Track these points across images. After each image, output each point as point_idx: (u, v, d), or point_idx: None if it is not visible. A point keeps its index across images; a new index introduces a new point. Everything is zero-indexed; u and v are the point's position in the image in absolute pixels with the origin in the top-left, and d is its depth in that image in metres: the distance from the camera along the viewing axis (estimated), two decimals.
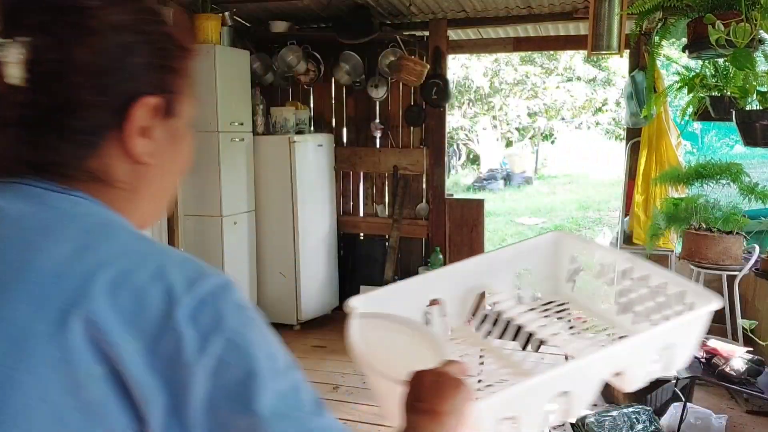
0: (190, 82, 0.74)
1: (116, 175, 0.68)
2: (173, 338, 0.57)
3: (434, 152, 5.00)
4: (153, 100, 0.68)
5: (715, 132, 4.96)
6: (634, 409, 3.02)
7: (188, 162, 0.77)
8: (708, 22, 2.16)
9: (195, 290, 0.60)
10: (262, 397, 0.59)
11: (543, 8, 4.45)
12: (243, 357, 0.60)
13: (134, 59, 0.67)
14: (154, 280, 0.59)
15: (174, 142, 0.73)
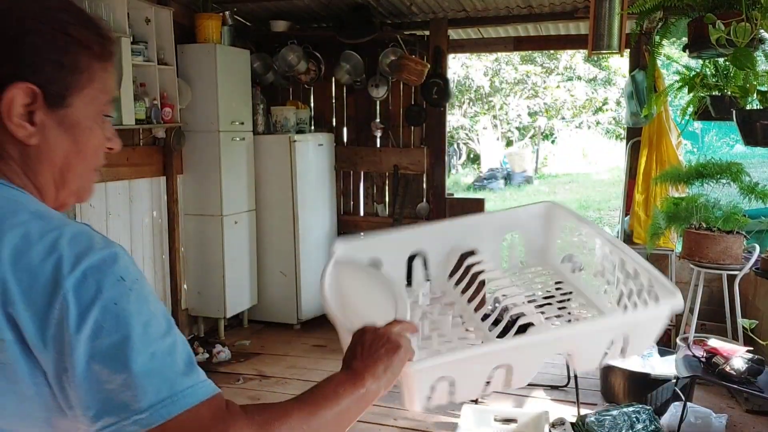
0: (89, 78, 0.78)
1: (9, 152, 0.76)
2: (60, 309, 0.66)
3: (434, 152, 5.00)
4: (27, 86, 0.73)
5: (715, 131, 4.95)
6: (634, 409, 3.02)
7: (94, 153, 0.82)
8: (708, 21, 2.16)
9: (80, 264, 0.68)
10: (136, 357, 0.67)
11: (544, 8, 4.45)
12: (118, 324, 0.67)
13: (19, 47, 0.73)
14: (46, 256, 0.68)
15: (66, 130, 0.78)
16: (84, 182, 0.84)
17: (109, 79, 0.81)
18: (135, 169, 4.11)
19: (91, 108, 0.80)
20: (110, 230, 3.94)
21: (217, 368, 4.11)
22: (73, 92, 0.77)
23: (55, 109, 0.76)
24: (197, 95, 4.35)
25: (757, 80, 2.35)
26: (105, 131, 0.83)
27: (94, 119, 0.81)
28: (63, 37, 0.76)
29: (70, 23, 0.76)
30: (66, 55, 0.76)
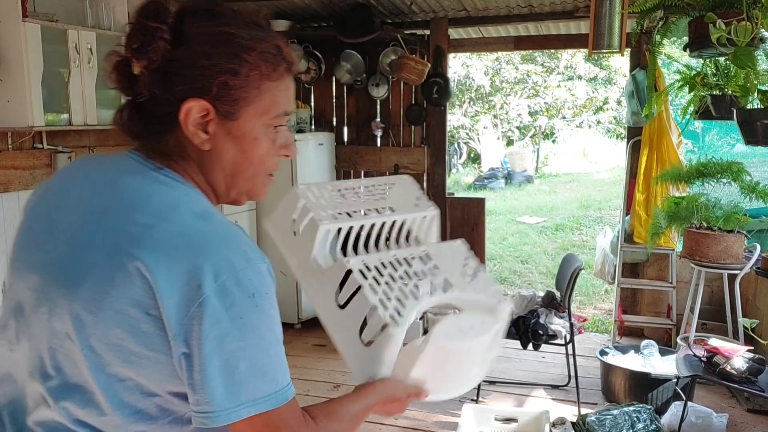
0: (258, 95, 0.89)
1: (190, 154, 0.91)
2: (198, 309, 0.78)
3: (435, 151, 5.00)
4: (201, 102, 0.86)
5: (716, 131, 4.95)
6: (635, 408, 3.02)
7: (260, 161, 0.93)
8: (709, 20, 2.15)
9: (222, 276, 0.80)
10: (250, 360, 0.81)
11: (544, 7, 4.44)
12: (240, 334, 0.80)
13: (194, 70, 0.86)
14: (196, 257, 0.80)
15: (234, 140, 0.90)
16: (253, 185, 0.96)
17: (279, 95, 0.91)
18: None
19: (260, 121, 0.90)
20: None
21: None
22: (241, 107, 0.88)
23: (226, 121, 0.88)
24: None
25: (757, 79, 2.35)
26: (278, 140, 0.94)
27: (262, 130, 0.91)
28: (236, 59, 0.86)
29: (244, 47, 0.87)
30: (236, 76, 0.86)
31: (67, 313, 0.84)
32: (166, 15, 0.86)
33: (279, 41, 0.91)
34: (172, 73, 0.85)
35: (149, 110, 0.88)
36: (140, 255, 0.79)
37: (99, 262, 0.82)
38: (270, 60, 0.89)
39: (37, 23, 3.10)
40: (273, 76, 0.90)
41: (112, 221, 0.84)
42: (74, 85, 3.33)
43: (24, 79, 3.06)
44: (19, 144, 3.32)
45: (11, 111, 3.10)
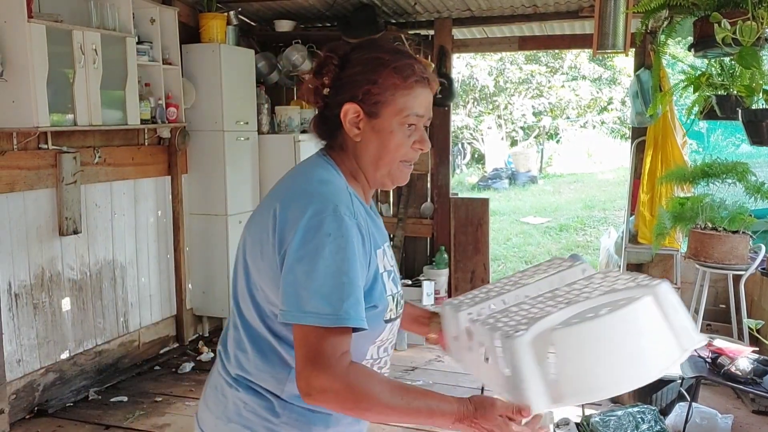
0: (393, 100, 1.19)
1: (348, 146, 1.25)
2: (291, 237, 1.11)
3: (439, 151, 4.99)
4: (353, 105, 1.20)
5: (721, 131, 4.93)
6: (639, 409, 3.01)
7: (395, 149, 1.22)
8: (714, 20, 2.15)
9: (304, 219, 1.11)
10: (316, 282, 1.09)
11: (548, 7, 4.44)
12: (312, 260, 1.09)
13: (350, 83, 1.21)
14: (302, 203, 1.14)
15: (376, 133, 1.22)
16: (392, 170, 1.24)
17: (411, 101, 1.20)
18: (140, 168, 4.12)
19: (395, 119, 1.20)
20: (115, 229, 3.95)
21: None
22: (381, 109, 1.20)
23: (371, 119, 1.21)
24: (202, 95, 4.35)
25: (763, 79, 2.34)
26: (411, 136, 1.22)
27: (397, 126, 1.21)
28: (376, 73, 1.19)
29: (383, 64, 1.20)
30: (375, 85, 1.19)
31: (242, 242, 1.27)
32: (338, 48, 1.24)
33: (414, 62, 1.22)
34: (338, 87, 1.22)
35: (325, 115, 1.25)
36: (278, 201, 1.17)
37: (260, 209, 1.24)
38: (402, 73, 1.20)
39: (42, 24, 3.11)
40: (404, 85, 1.20)
41: (276, 186, 1.27)
42: (79, 86, 3.34)
43: (29, 80, 3.07)
44: (24, 144, 3.33)
45: (16, 111, 3.11)
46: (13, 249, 3.32)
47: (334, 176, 1.22)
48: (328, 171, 1.23)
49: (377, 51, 1.22)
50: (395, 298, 1.25)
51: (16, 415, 3.34)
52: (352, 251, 1.10)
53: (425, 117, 1.24)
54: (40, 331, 3.48)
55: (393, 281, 1.26)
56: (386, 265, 1.24)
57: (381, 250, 1.23)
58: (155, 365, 4.16)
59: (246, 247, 1.23)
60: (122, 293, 4.04)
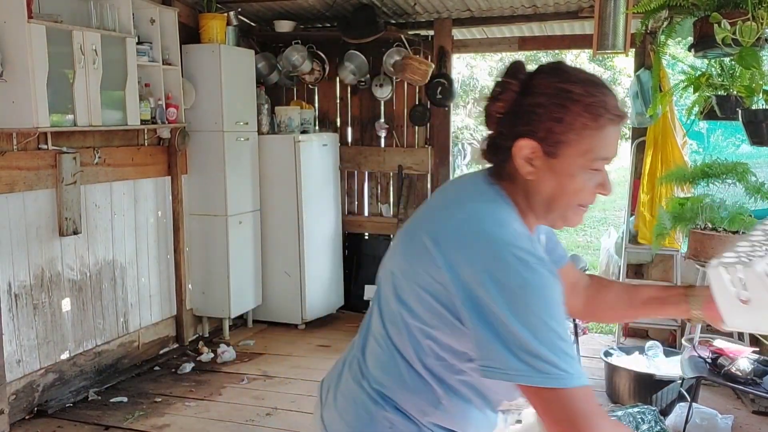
0: (578, 139, 1.04)
1: (518, 179, 1.10)
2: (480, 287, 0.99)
3: (439, 152, 4.99)
4: (530, 142, 1.05)
5: (721, 131, 4.93)
6: (639, 409, 3.01)
7: (574, 194, 1.08)
8: (714, 20, 2.15)
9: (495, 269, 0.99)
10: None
11: (548, 7, 4.44)
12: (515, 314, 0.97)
13: (531, 115, 1.05)
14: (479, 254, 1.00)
15: (553, 174, 1.07)
16: (567, 213, 1.11)
17: (598, 142, 1.05)
18: (140, 169, 4.11)
19: (578, 160, 1.05)
20: (115, 230, 3.95)
21: (221, 368, 4.12)
22: (563, 149, 1.05)
23: (549, 159, 1.06)
24: (202, 95, 4.35)
25: (763, 80, 2.34)
26: (594, 179, 1.08)
27: (579, 168, 1.06)
28: (562, 109, 1.04)
29: (572, 99, 1.04)
30: (559, 123, 1.04)
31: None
32: (518, 73, 1.09)
33: (609, 97, 1.06)
34: (515, 117, 1.07)
35: (497, 143, 1.11)
36: (441, 237, 1.04)
37: (410, 236, 1.12)
38: (593, 112, 1.04)
39: (42, 24, 3.11)
40: (593, 126, 1.04)
41: (433, 211, 1.14)
42: (79, 86, 3.34)
43: (29, 80, 3.07)
44: (24, 144, 3.33)
45: (16, 112, 3.11)
46: (12, 249, 3.31)
47: (510, 215, 1.08)
48: (501, 208, 1.08)
49: (565, 81, 1.06)
50: None
51: (15, 416, 3.34)
52: (556, 301, 1.00)
53: (611, 159, 1.09)
54: (40, 332, 3.48)
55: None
56: None
57: None
58: (155, 366, 4.16)
59: (396, 278, 1.11)
60: (122, 294, 4.04)
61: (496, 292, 0.96)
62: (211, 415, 3.48)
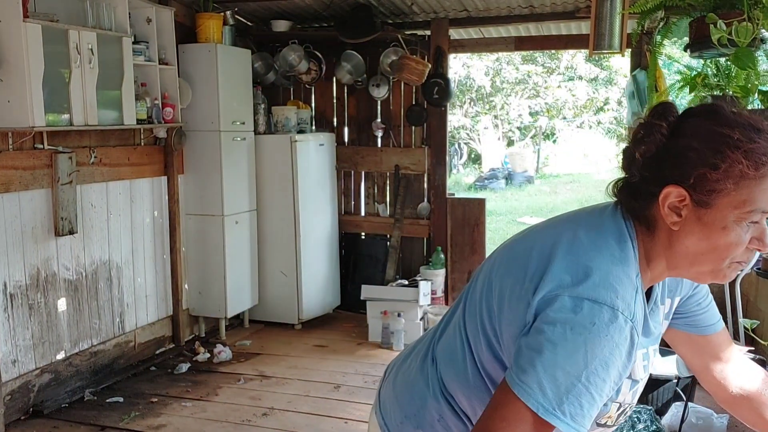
0: (735, 188, 0.93)
1: (660, 228, 1.01)
2: (554, 299, 0.94)
3: (436, 151, 5.00)
4: (679, 189, 0.96)
5: None
6: (635, 409, 3.02)
7: (725, 248, 0.97)
8: (710, 21, 2.15)
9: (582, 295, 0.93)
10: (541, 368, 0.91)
11: (545, 7, 4.44)
12: (548, 343, 0.92)
13: (682, 159, 0.96)
14: (573, 272, 0.96)
15: (703, 226, 0.97)
16: (715, 268, 0.99)
17: (758, 193, 0.94)
18: (136, 168, 4.11)
19: (732, 213, 0.95)
20: (111, 230, 3.94)
21: (217, 368, 4.11)
22: (715, 198, 0.94)
23: (699, 208, 0.96)
24: (198, 95, 4.35)
25: (758, 80, 2.35)
26: (749, 232, 0.97)
27: (732, 222, 0.95)
28: (718, 155, 0.93)
29: (730, 145, 0.93)
30: (715, 170, 0.93)
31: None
32: (668, 114, 1.00)
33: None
34: (661, 160, 0.98)
35: (638, 186, 1.02)
36: (556, 250, 1.00)
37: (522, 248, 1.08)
38: (754, 159, 0.93)
39: (37, 23, 3.10)
40: (754, 174, 0.93)
41: (556, 225, 1.11)
42: (75, 86, 3.33)
43: (25, 80, 3.06)
44: (20, 144, 3.32)
45: (12, 111, 3.10)
46: (8, 249, 3.31)
47: (629, 253, 1.00)
48: (624, 250, 1.00)
49: (722, 125, 0.95)
50: (622, 408, 1.07)
51: (11, 416, 3.33)
52: (613, 356, 0.92)
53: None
54: (36, 332, 3.47)
55: (632, 391, 1.07)
56: (639, 374, 1.06)
57: (641, 353, 1.06)
58: (151, 366, 4.15)
59: (496, 283, 1.06)
60: (118, 294, 4.03)
61: (558, 310, 0.93)
62: (208, 415, 3.48)
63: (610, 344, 0.92)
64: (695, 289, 1.18)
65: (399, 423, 1.19)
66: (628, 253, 1.00)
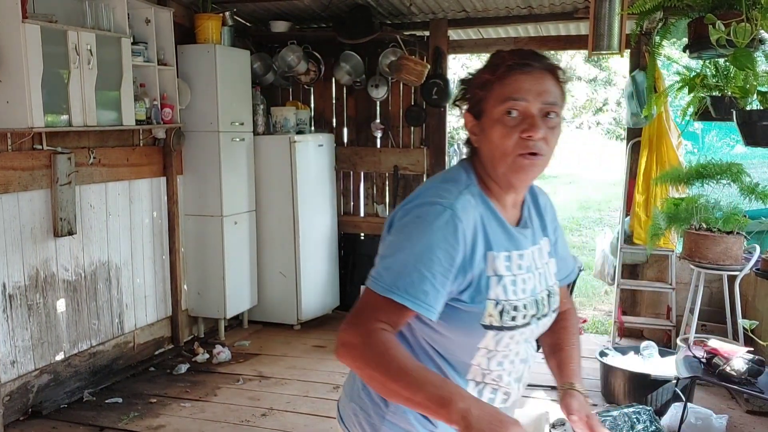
0: (489, 93, 1.18)
1: (478, 154, 1.24)
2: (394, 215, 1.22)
3: (435, 152, 5.00)
4: (468, 114, 1.24)
5: (715, 132, 4.95)
6: (634, 409, 3.02)
7: (500, 142, 1.17)
8: (708, 22, 2.15)
9: (411, 203, 1.19)
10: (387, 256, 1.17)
11: (543, 8, 4.44)
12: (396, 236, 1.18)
13: (466, 96, 1.25)
14: (413, 195, 1.22)
15: (484, 133, 1.20)
16: (505, 164, 1.18)
17: (502, 88, 1.17)
18: (135, 169, 4.11)
19: (495, 111, 1.17)
20: (110, 230, 3.94)
21: (217, 369, 4.11)
22: (482, 107, 1.20)
23: (479, 121, 1.21)
24: (197, 96, 4.35)
25: (757, 81, 2.35)
26: (519, 125, 1.16)
27: (496, 119, 1.17)
28: (475, 78, 1.23)
29: (480, 68, 1.22)
30: (474, 89, 1.22)
31: None
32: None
33: (505, 52, 1.21)
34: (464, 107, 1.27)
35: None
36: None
37: None
38: (491, 66, 1.20)
39: (36, 24, 3.10)
40: (495, 77, 1.18)
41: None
42: (74, 86, 3.33)
43: (24, 80, 3.06)
44: (19, 145, 3.32)
45: (11, 112, 3.10)
46: (7, 250, 3.30)
47: (460, 175, 1.24)
48: (458, 172, 1.25)
49: (483, 66, 1.24)
50: (501, 306, 1.18)
51: (10, 417, 3.33)
52: (434, 237, 1.12)
53: (533, 102, 1.15)
54: (35, 333, 3.47)
55: (506, 288, 1.19)
56: (501, 270, 1.19)
57: (502, 255, 1.20)
58: (150, 366, 4.15)
59: None
60: (117, 294, 4.03)
61: (399, 218, 1.18)
62: (207, 415, 3.48)
63: (431, 228, 1.13)
64: (558, 232, 1.42)
65: (343, 402, 1.36)
66: (457, 176, 1.24)
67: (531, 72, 1.16)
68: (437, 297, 1.11)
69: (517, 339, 1.22)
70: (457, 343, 1.20)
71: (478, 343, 1.19)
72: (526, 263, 1.24)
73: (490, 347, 1.20)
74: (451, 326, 1.18)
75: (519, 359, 1.28)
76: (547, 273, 1.31)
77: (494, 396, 1.27)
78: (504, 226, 1.23)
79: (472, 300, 1.16)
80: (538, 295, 1.25)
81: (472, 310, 1.16)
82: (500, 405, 1.27)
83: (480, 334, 1.18)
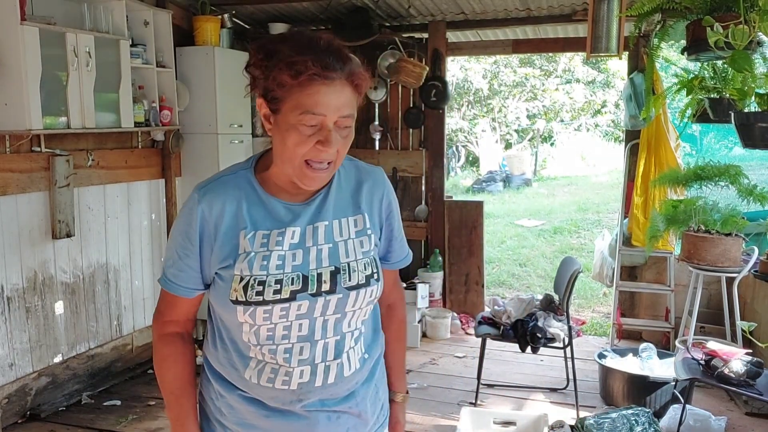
0: (288, 96, 1.14)
1: (273, 141, 1.23)
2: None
3: (433, 154, 5.00)
4: (260, 100, 1.19)
5: (713, 134, 4.95)
6: (633, 411, 3.02)
7: (293, 148, 1.16)
8: (707, 24, 2.16)
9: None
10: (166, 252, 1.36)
11: (542, 10, 4.45)
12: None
13: (260, 79, 1.17)
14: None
15: (278, 129, 1.18)
16: (293, 168, 1.19)
17: (303, 99, 1.13)
18: (133, 171, 4.10)
19: (289, 116, 1.15)
20: (108, 232, 3.94)
21: None
22: (280, 105, 1.15)
23: (275, 115, 1.18)
24: (196, 98, 4.34)
25: (755, 83, 2.35)
26: (314, 135, 1.15)
27: (293, 124, 1.15)
28: (272, 71, 1.14)
29: (279, 59, 1.13)
30: (270, 82, 1.15)
31: None
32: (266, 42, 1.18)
33: (313, 56, 1.12)
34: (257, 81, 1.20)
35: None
36: None
37: None
38: (293, 69, 1.12)
39: (35, 26, 3.10)
40: (296, 83, 1.12)
41: None
42: (72, 89, 3.33)
43: (22, 82, 3.06)
44: (17, 147, 3.32)
45: (9, 114, 3.10)
46: (5, 252, 3.30)
47: (238, 166, 1.29)
48: (239, 162, 1.32)
49: (283, 42, 1.15)
50: (246, 281, 1.20)
51: (8, 420, 3.32)
52: (181, 224, 1.25)
53: (330, 116, 1.14)
54: (33, 335, 3.46)
55: (251, 263, 1.20)
56: (249, 247, 1.21)
57: (259, 233, 1.22)
58: (148, 369, 4.14)
59: None
60: (115, 296, 4.02)
61: None
62: None
63: (180, 214, 1.27)
64: (389, 215, 1.37)
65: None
66: (239, 164, 1.30)
67: (332, 83, 1.13)
68: (188, 277, 1.28)
69: (288, 315, 1.21)
70: (227, 320, 1.28)
71: (235, 318, 1.24)
72: (294, 240, 1.23)
73: (250, 322, 1.21)
74: (215, 302, 1.30)
75: (299, 337, 1.23)
76: (344, 249, 1.26)
77: (274, 376, 1.25)
78: (267, 206, 1.24)
79: (221, 277, 1.24)
80: (310, 272, 1.22)
81: (223, 286, 1.24)
82: (281, 387, 1.24)
83: (231, 309, 1.22)
